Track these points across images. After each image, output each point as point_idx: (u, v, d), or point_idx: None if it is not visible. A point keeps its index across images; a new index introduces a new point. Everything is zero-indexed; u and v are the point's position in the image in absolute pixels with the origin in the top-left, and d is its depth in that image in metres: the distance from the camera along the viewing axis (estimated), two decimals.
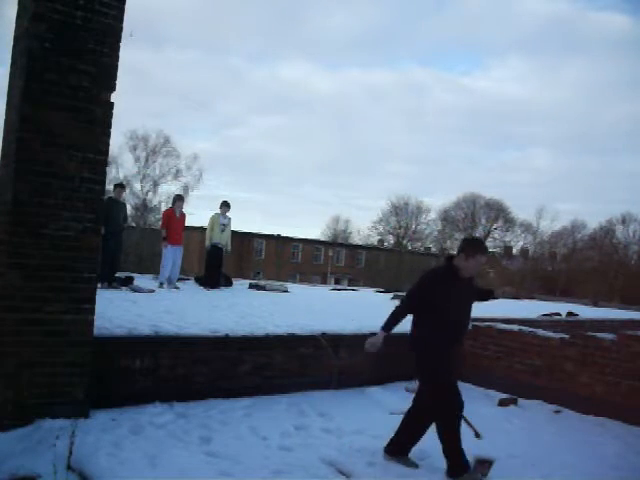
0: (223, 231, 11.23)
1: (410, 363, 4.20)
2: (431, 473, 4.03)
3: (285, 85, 78.09)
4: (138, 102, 69.36)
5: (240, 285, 13.16)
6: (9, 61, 4.44)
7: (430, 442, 4.14)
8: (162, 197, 42.62)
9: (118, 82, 4.39)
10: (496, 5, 79.59)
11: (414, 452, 4.25)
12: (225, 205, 11.26)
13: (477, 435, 4.88)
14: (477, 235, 56.25)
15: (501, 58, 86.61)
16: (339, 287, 20.96)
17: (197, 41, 77.83)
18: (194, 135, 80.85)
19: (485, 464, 4.19)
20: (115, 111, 4.36)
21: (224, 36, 79.51)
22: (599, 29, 77.30)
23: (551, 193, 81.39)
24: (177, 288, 10.27)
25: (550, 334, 6.55)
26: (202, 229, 44.77)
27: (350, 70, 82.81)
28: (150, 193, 42.87)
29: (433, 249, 59.45)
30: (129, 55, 53.91)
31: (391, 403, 5.76)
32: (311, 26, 77.37)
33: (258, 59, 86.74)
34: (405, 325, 7.04)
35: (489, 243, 57.53)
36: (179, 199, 11.29)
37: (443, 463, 4.01)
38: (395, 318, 4.12)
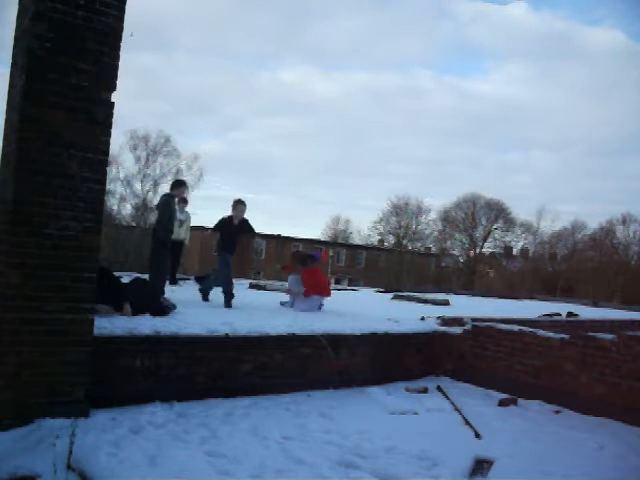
0: (180, 226, 10.95)
1: (410, 363, 4.20)
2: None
3: (288, 88, 78.15)
4: (145, 104, 69.53)
5: (240, 285, 13.16)
6: (9, 61, 4.45)
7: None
8: None
9: (127, 85, 4.43)
10: (495, 12, 79.76)
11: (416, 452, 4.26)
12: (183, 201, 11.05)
13: (477, 435, 4.88)
14: (477, 235, 56.28)
15: (501, 62, 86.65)
16: (339, 287, 20.92)
17: (203, 46, 78.08)
18: (199, 137, 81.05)
19: (485, 464, 4.19)
20: (123, 112, 4.41)
21: (229, 40, 79.70)
22: (597, 38, 77.51)
23: (552, 194, 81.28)
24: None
25: (550, 334, 6.53)
26: (202, 228, 44.91)
27: (353, 73, 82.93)
28: (150, 193, 42.83)
29: (433, 249, 59.42)
30: (140, 59, 54.26)
31: (391, 403, 5.75)
32: (314, 30, 77.60)
33: (262, 62, 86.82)
34: (405, 325, 7.09)
35: (489, 243, 57.62)
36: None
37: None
38: None
